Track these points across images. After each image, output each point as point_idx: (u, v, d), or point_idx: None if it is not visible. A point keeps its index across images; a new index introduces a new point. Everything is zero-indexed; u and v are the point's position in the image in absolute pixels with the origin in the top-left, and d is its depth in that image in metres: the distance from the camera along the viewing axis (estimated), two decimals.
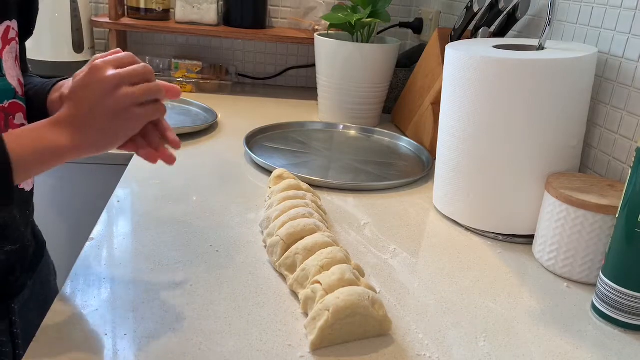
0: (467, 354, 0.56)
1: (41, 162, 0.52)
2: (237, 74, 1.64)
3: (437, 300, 0.65)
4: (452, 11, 1.39)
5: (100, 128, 0.53)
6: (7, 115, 0.61)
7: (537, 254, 0.76)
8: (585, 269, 0.70)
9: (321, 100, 1.35)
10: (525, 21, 1.05)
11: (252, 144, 1.10)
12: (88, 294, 0.60)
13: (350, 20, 1.25)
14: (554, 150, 0.78)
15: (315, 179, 0.93)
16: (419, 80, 1.25)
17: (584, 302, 0.68)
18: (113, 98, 0.52)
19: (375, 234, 0.80)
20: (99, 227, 0.74)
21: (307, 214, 0.71)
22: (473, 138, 0.80)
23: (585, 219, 0.68)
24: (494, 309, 0.65)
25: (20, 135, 0.52)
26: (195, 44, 1.62)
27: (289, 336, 0.56)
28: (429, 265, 0.73)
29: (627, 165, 0.78)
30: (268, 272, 0.68)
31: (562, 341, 0.60)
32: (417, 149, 1.16)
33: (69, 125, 0.53)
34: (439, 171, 0.89)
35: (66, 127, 0.53)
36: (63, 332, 0.54)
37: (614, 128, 0.81)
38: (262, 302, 0.62)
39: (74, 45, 1.43)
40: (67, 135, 0.52)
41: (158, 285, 0.63)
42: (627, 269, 0.61)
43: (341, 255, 0.62)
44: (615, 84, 0.81)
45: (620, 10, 0.80)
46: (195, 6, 1.47)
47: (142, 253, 0.69)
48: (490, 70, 0.76)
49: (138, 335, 0.54)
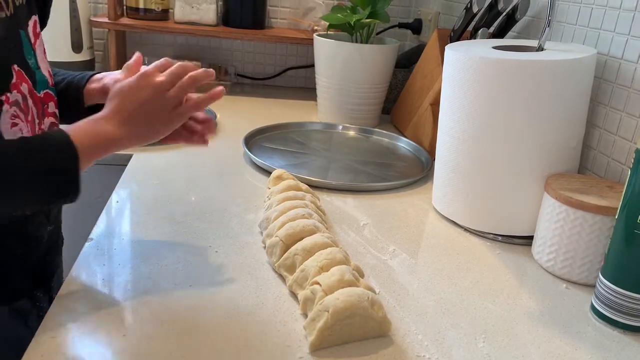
0: (466, 355, 0.56)
1: (100, 151, 0.59)
2: (236, 74, 1.64)
3: (436, 301, 0.65)
4: (452, 12, 1.39)
5: (146, 123, 0.62)
6: (43, 104, 0.65)
7: (536, 255, 0.76)
8: (585, 270, 0.70)
9: (320, 100, 1.35)
10: (525, 22, 1.05)
11: (251, 145, 1.10)
12: (87, 293, 0.60)
13: (350, 21, 1.25)
14: (553, 151, 0.78)
15: (314, 180, 0.93)
16: (418, 80, 1.25)
17: (583, 303, 0.68)
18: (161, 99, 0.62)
19: (375, 234, 0.80)
20: (98, 227, 0.74)
21: (307, 215, 0.71)
22: (472, 139, 0.80)
23: (585, 220, 0.68)
24: (493, 309, 0.65)
25: (80, 128, 0.59)
26: (194, 44, 1.62)
27: (288, 337, 0.56)
28: (428, 266, 0.73)
29: (627, 167, 0.78)
30: (267, 272, 0.68)
31: (561, 342, 0.60)
32: (416, 150, 1.16)
33: (120, 121, 0.61)
34: (438, 172, 0.89)
35: (117, 122, 0.60)
36: (62, 333, 0.53)
37: (613, 129, 0.81)
38: (261, 302, 0.61)
39: (73, 45, 1.43)
40: (118, 128, 0.60)
41: (157, 285, 0.63)
42: (626, 270, 0.61)
43: (340, 256, 0.62)
44: (614, 85, 0.81)
45: (619, 11, 0.80)
46: (195, 6, 1.47)
47: (141, 253, 0.69)
48: (489, 71, 0.76)
49: (137, 335, 0.54)
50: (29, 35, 0.64)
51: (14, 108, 0.59)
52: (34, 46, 0.65)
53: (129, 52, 1.60)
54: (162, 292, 0.61)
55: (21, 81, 0.60)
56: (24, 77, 0.61)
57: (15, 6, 0.61)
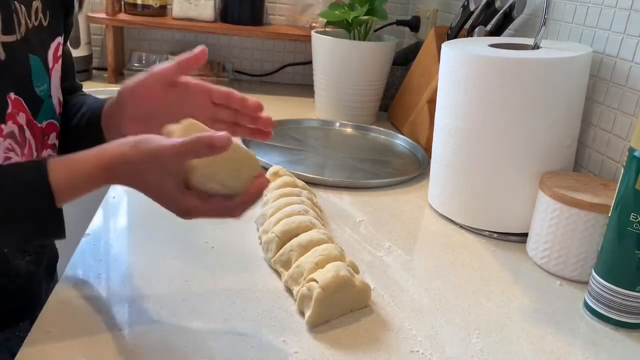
0: (459, 351, 0.57)
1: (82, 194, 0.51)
2: (234, 71, 1.64)
3: (431, 297, 0.66)
4: (449, 9, 1.39)
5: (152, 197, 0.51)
6: (43, 135, 0.60)
7: (530, 252, 0.77)
8: (578, 267, 0.71)
9: (318, 97, 1.36)
10: (521, 20, 1.05)
11: (248, 141, 1.10)
12: (84, 289, 0.60)
13: (347, 18, 1.25)
14: (548, 149, 0.78)
15: (311, 177, 0.94)
16: (415, 78, 1.25)
17: (577, 299, 0.68)
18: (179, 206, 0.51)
19: (370, 231, 0.81)
20: (94, 222, 0.75)
21: (303, 211, 0.72)
22: (468, 136, 0.80)
23: (579, 217, 0.69)
24: (487, 306, 0.65)
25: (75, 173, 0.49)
26: (192, 41, 1.62)
27: (284, 332, 0.57)
28: (424, 262, 0.74)
29: (621, 165, 0.79)
30: (263, 268, 0.68)
31: (554, 338, 0.61)
32: (413, 147, 1.16)
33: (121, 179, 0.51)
34: (434, 169, 0.89)
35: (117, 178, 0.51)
36: (58, 327, 0.54)
37: (608, 127, 0.82)
38: (257, 298, 0.62)
39: (71, 40, 1.42)
40: (115, 181, 0.52)
41: (153, 281, 0.63)
42: (619, 267, 0.61)
43: (336, 252, 0.63)
44: (609, 83, 0.82)
45: (615, 10, 0.81)
46: (192, 2, 1.47)
47: (138, 249, 0.69)
48: (485, 69, 0.76)
49: (133, 330, 0.55)
50: (47, 60, 0.59)
51: (8, 140, 0.54)
52: (50, 72, 0.60)
53: (126, 48, 1.60)
54: (158, 287, 0.62)
55: (18, 111, 0.55)
56: (22, 106, 0.56)
57: (28, 29, 0.56)
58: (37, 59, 0.58)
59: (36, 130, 0.58)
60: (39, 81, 0.58)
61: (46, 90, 0.59)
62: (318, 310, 0.57)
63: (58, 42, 0.61)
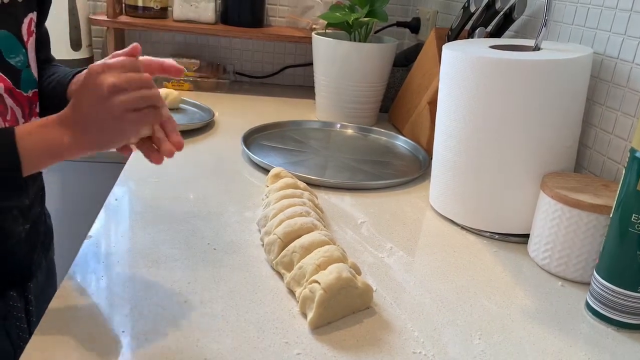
0: (462, 352, 0.57)
1: (48, 158, 0.55)
2: (234, 73, 1.64)
3: (432, 298, 0.66)
4: (450, 11, 1.39)
5: (98, 129, 0.55)
6: (31, 103, 0.64)
7: (532, 253, 0.77)
8: (580, 268, 0.71)
9: (318, 99, 1.36)
10: (522, 22, 1.06)
11: (249, 143, 1.11)
12: (86, 291, 0.60)
13: (348, 19, 1.25)
14: (549, 150, 0.78)
15: (312, 178, 0.94)
16: (416, 79, 1.25)
17: (578, 300, 0.68)
18: (107, 104, 0.53)
19: (372, 232, 0.81)
20: (96, 225, 0.75)
21: (304, 213, 0.72)
22: (469, 137, 0.80)
23: (580, 218, 0.69)
24: (489, 307, 0.65)
25: (30, 132, 0.55)
26: (192, 42, 1.63)
27: (286, 334, 0.57)
28: (425, 263, 0.74)
29: (622, 165, 0.79)
30: (265, 270, 0.68)
31: (556, 339, 0.61)
32: (414, 148, 1.16)
33: (72, 125, 0.55)
34: (435, 170, 0.89)
35: (69, 127, 0.55)
36: (61, 331, 0.54)
37: (608, 128, 0.82)
38: (259, 299, 0.62)
39: (72, 43, 1.43)
40: (70, 135, 0.55)
41: (156, 282, 0.63)
42: (621, 268, 0.61)
43: (338, 253, 0.63)
44: (610, 84, 0.82)
45: (615, 11, 0.81)
46: (193, 4, 1.47)
47: (140, 251, 0.69)
48: (486, 70, 0.76)
49: (136, 332, 0.55)
50: (21, 33, 0.63)
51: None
52: (26, 44, 0.64)
53: None
54: (161, 289, 0.62)
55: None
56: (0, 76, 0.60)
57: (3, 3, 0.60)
58: (6, 32, 0.61)
59: (22, 99, 0.62)
60: (12, 53, 0.62)
61: (23, 61, 0.63)
62: (320, 311, 0.57)
63: (30, 18, 0.65)
